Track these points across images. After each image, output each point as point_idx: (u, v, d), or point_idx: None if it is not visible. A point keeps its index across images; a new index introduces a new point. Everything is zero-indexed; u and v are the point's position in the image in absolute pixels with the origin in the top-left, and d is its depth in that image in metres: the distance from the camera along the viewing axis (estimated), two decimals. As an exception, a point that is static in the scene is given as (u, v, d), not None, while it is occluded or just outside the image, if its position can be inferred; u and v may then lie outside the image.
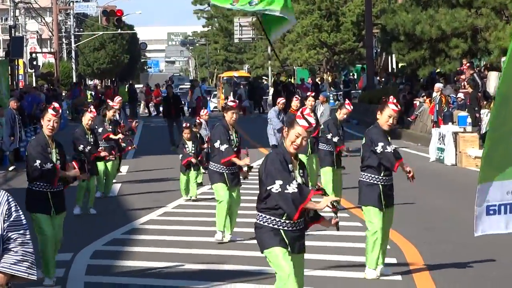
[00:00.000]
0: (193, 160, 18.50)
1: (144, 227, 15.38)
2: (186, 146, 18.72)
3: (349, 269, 11.63)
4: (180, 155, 18.84)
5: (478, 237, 13.58)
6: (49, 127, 10.78)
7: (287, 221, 7.92)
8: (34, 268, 5.30)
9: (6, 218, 5.31)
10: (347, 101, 19.07)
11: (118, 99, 21.91)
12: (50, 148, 10.88)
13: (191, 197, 18.40)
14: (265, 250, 8.02)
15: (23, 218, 5.40)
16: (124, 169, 23.99)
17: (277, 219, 7.94)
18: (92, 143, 16.69)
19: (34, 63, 58.62)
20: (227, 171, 13.61)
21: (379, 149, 10.85)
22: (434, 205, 16.93)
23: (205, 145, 20.77)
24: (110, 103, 20.20)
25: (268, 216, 7.97)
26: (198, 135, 19.96)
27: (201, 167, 19.27)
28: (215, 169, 13.69)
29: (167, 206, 17.75)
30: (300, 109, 8.24)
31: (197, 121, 20.31)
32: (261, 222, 8.01)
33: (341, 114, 16.76)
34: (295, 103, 19.17)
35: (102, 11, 67.53)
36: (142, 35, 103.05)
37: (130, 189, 20.45)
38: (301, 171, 8.04)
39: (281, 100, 24.45)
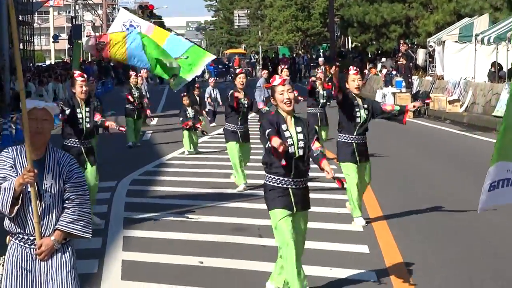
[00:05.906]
0: (190, 124, 16.21)
1: (168, 162, 15.16)
2: (187, 112, 16.74)
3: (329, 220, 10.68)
4: (181, 118, 16.70)
5: (417, 171, 13.32)
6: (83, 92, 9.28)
7: (295, 179, 6.08)
8: (89, 227, 4.48)
9: (67, 180, 4.44)
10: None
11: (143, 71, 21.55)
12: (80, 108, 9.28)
13: (191, 151, 16.25)
14: (269, 211, 6.22)
15: (83, 180, 4.53)
16: (154, 121, 23.74)
17: (285, 178, 6.08)
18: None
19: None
20: (240, 130, 11.68)
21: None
22: (381, 144, 16.59)
23: (207, 108, 20.64)
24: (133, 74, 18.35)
25: (274, 176, 6.10)
26: (197, 98, 19.11)
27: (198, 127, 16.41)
28: (230, 128, 11.71)
29: (183, 148, 17.43)
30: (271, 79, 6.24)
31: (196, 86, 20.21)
32: (269, 183, 6.14)
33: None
34: (285, 72, 16.39)
35: (138, 6, 67.19)
36: (168, 23, 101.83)
37: (157, 137, 20.20)
38: (298, 128, 6.12)
39: (264, 72, 24.92)
